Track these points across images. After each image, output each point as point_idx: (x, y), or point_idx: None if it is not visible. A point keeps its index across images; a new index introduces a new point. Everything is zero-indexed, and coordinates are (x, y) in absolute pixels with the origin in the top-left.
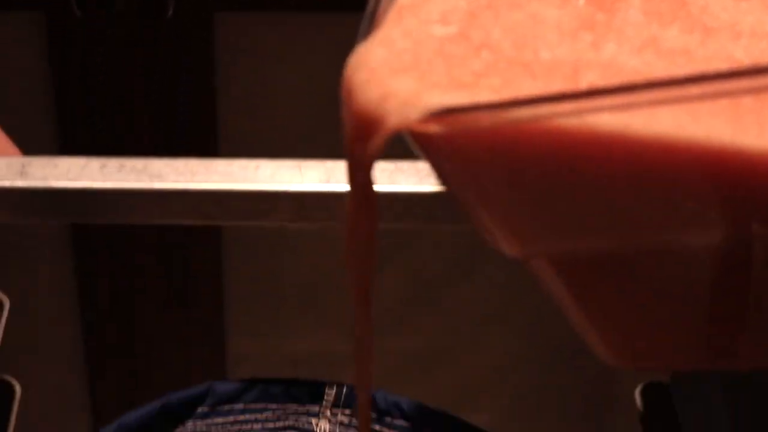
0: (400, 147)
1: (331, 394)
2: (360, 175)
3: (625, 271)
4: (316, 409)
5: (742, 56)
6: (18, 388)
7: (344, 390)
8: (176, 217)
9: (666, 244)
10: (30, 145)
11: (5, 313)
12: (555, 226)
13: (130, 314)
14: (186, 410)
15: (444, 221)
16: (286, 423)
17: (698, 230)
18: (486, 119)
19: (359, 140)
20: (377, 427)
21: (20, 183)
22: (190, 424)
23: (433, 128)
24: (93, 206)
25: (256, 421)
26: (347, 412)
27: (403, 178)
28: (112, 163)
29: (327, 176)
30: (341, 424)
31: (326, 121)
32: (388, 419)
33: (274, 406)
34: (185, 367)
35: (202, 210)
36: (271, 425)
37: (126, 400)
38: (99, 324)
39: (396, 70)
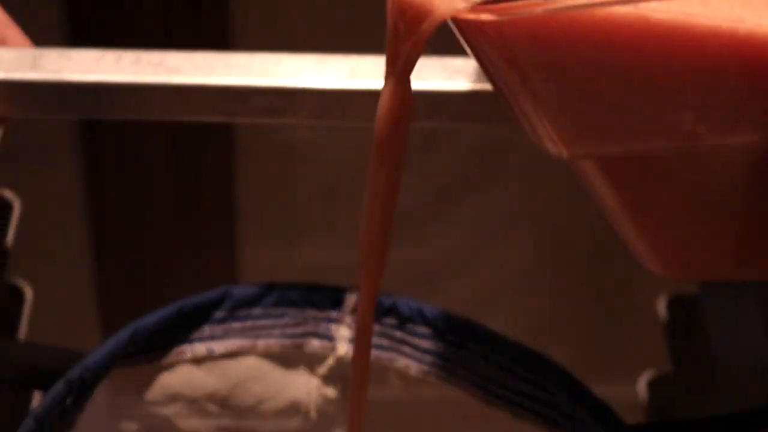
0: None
1: (351, 299)
2: (402, 71)
3: (672, 175)
4: (335, 315)
5: None
6: (29, 293)
7: None
8: (194, 114)
9: (715, 145)
10: (39, 37)
11: (15, 214)
12: (602, 124)
13: (140, 222)
14: (202, 315)
15: (473, 120)
16: (305, 329)
17: (749, 129)
18: (539, 6)
19: (405, 32)
20: (399, 334)
21: (32, 76)
22: (207, 329)
23: (484, 17)
24: (108, 101)
25: (274, 326)
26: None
27: (430, 74)
28: (128, 56)
29: (352, 72)
30: None
31: (348, 17)
32: (410, 326)
33: (292, 311)
34: (196, 277)
35: (221, 106)
36: (289, 331)
37: (135, 308)
38: (108, 230)
39: None
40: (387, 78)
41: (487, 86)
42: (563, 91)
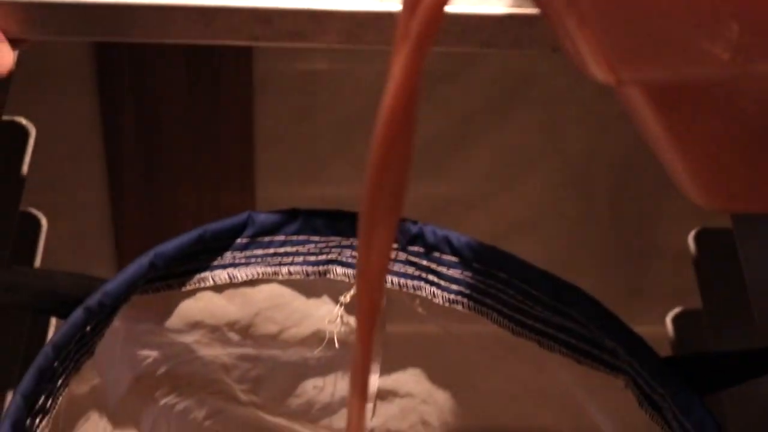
0: None
1: None
2: (420, 34)
3: (720, 103)
4: None
5: None
6: (44, 221)
7: None
8: (217, 37)
9: (763, 71)
10: None
11: (31, 141)
12: (649, 47)
13: (156, 151)
14: (224, 241)
15: (505, 46)
16: (329, 256)
17: None
18: None
19: None
20: (425, 263)
21: None
22: (228, 256)
23: None
24: (128, 22)
25: (298, 254)
26: (394, 245)
27: None
28: None
29: None
30: None
31: None
32: (436, 254)
33: (316, 238)
34: (214, 208)
35: (245, 29)
36: (313, 258)
37: (151, 240)
38: (124, 160)
39: None
40: (399, 45)
41: (521, 10)
42: (609, 9)
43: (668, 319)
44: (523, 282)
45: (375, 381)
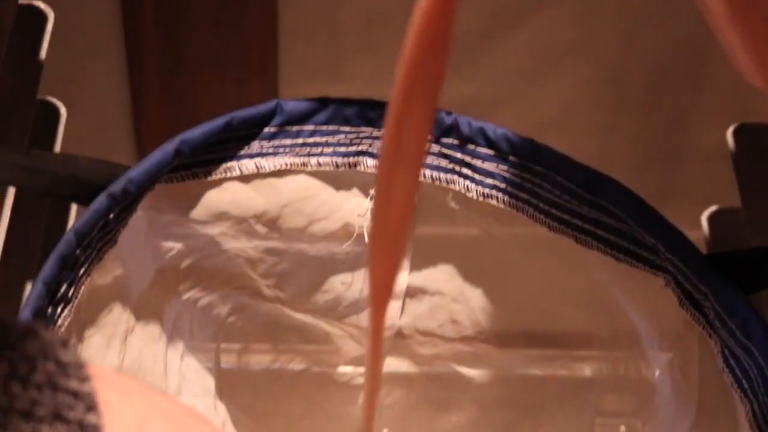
0: None
1: None
2: None
3: None
4: None
5: None
6: (63, 110)
7: None
8: None
9: None
10: None
11: (49, 26)
12: None
13: (177, 40)
14: (252, 129)
15: None
16: (360, 148)
17: None
18: None
19: None
20: (459, 155)
21: None
22: (255, 145)
23: None
24: None
25: (327, 144)
26: (429, 136)
27: None
28: None
29: None
30: None
31: None
32: (471, 147)
33: (347, 128)
34: (235, 103)
35: None
36: (343, 149)
37: (170, 132)
38: (144, 50)
39: None
40: None
41: None
42: None
43: (704, 218)
44: (560, 176)
45: (404, 278)
